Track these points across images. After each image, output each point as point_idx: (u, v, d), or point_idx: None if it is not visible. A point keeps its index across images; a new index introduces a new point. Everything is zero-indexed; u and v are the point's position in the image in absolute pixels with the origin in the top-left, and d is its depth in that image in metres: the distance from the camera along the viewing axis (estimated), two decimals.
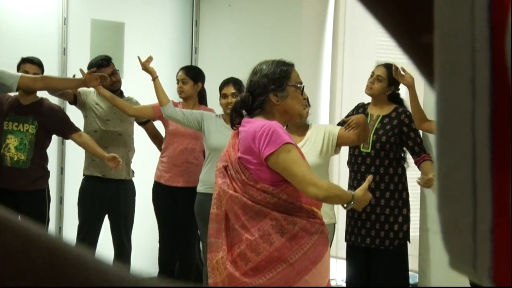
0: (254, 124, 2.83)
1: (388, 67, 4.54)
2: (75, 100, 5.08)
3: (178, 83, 5.14)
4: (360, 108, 4.69)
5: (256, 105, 2.91)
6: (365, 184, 2.88)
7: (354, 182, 4.58)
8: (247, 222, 2.78)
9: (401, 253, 4.53)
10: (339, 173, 5.66)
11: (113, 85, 5.11)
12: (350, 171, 4.67)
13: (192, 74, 5.14)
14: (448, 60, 0.50)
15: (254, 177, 2.79)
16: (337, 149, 4.39)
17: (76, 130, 4.94)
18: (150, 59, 4.83)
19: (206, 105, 5.31)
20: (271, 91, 2.89)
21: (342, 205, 2.88)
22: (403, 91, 4.70)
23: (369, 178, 2.97)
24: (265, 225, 2.77)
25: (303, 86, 2.99)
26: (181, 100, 5.19)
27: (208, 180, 4.54)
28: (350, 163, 4.67)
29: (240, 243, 2.79)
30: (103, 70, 5.02)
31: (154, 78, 4.88)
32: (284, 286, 2.75)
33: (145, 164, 5.30)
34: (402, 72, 4.41)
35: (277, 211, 2.78)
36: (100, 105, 5.09)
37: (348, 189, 4.64)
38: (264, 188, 2.78)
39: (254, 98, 2.92)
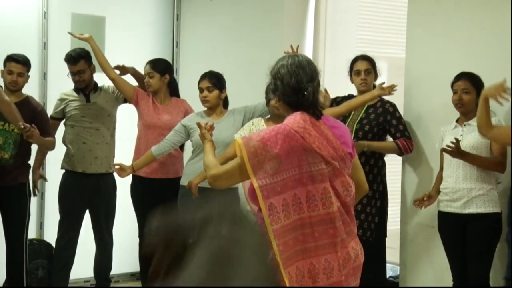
0: (337, 122, 2.93)
1: (368, 59, 4.67)
2: None
3: (145, 77, 5.07)
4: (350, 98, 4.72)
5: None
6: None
7: None
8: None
9: (377, 246, 4.52)
10: None
11: (79, 83, 5.02)
12: None
13: (158, 67, 5.05)
14: None
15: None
16: None
17: (51, 135, 4.92)
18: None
19: (178, 96, 5.25)
20: None
21: None
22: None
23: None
24: None
25: None
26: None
27: (193, 173, 4.52)
28: None
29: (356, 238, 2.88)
30: (70, 67, 4.97)
31: None
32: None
33: (123, 159, 5.27)
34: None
35: None
36: (75, 102, 5.05)
37: None
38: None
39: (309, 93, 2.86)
